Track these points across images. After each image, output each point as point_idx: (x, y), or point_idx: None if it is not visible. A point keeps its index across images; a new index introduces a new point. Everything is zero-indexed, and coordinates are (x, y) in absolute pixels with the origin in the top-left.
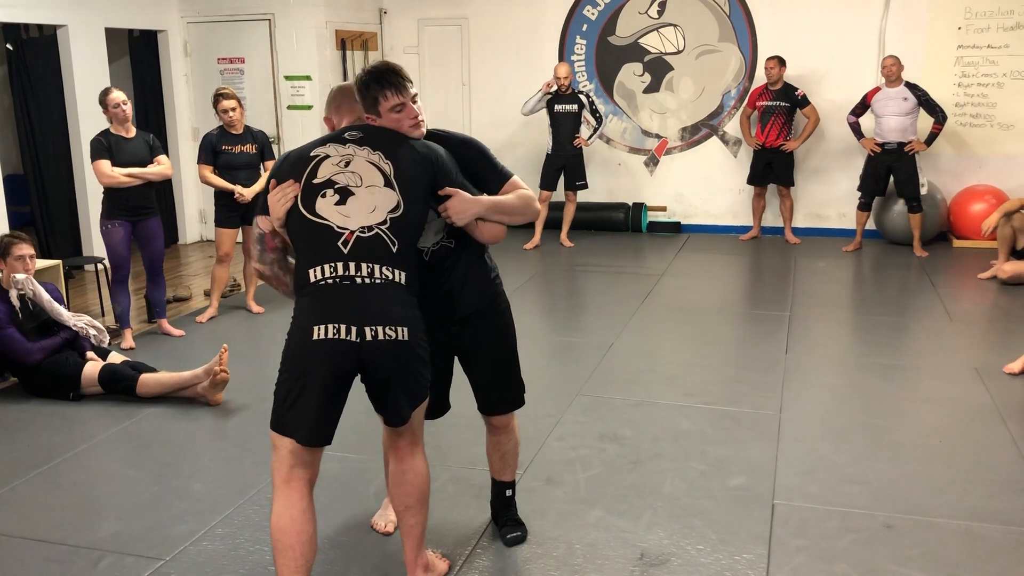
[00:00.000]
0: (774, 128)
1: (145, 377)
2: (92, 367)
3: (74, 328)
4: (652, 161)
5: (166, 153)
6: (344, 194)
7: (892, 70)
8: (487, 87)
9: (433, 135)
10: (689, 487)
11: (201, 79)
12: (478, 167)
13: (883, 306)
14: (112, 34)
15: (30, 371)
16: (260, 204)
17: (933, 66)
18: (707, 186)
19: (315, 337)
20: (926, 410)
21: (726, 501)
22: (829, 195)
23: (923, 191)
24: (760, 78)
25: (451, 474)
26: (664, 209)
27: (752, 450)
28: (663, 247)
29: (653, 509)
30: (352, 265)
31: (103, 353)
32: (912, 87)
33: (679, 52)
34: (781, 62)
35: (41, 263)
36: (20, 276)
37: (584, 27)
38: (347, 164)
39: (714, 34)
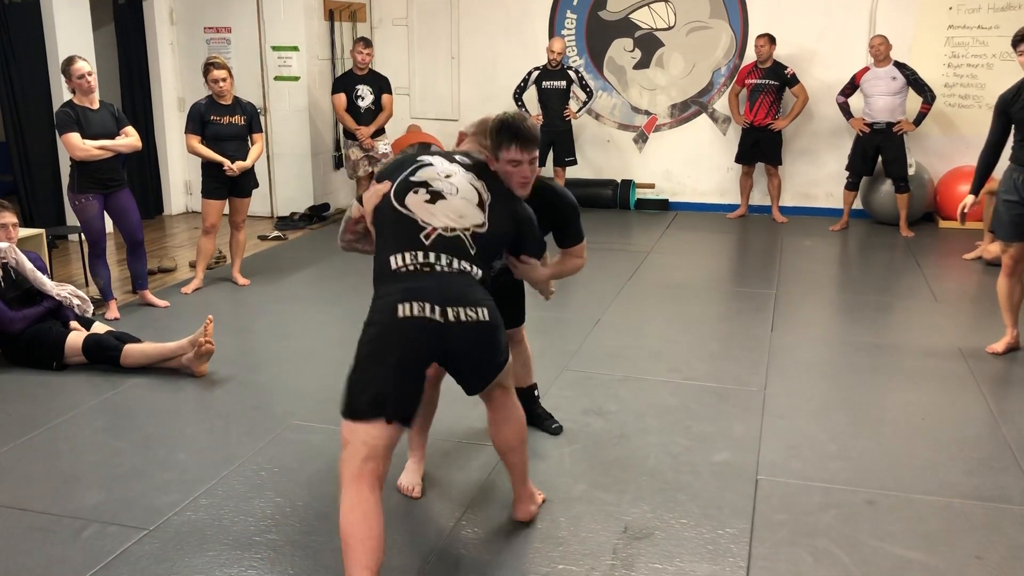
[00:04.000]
0: (763, 107)
1: (129, 347)
2: (75, 337)
3: (57, 297)
4: (641, 138)
5: (133, 124)
6: (436, 196)
7: (880, 50)
8: (477, 61)
9: (546, 187)
10: (673, 462)
11: (187, 48)
12: (565, 222)
13: (868, 285)
14: (96, 1)
15: (12, 340)
16: (360, 195)
17: (923, 46)
18: (695, 164)
19: (401, 315)
20: (909, 388)
21: (710, 476)
22: (817, 174)
23: (911, 171)
24: (750, 56)
25: (435, 447)
26: (652, 186)
27: (736, 426)
28: (651, 224)
29: (637, 483)
30: (432, 255)
31: (87, 323)
32: (901, 67)
33: (670, 28)
34: (771, 40)
35: (24, 232)
36: (3, 245)
37: (575, 1)
38: (448, 177)
39: (705, 10)
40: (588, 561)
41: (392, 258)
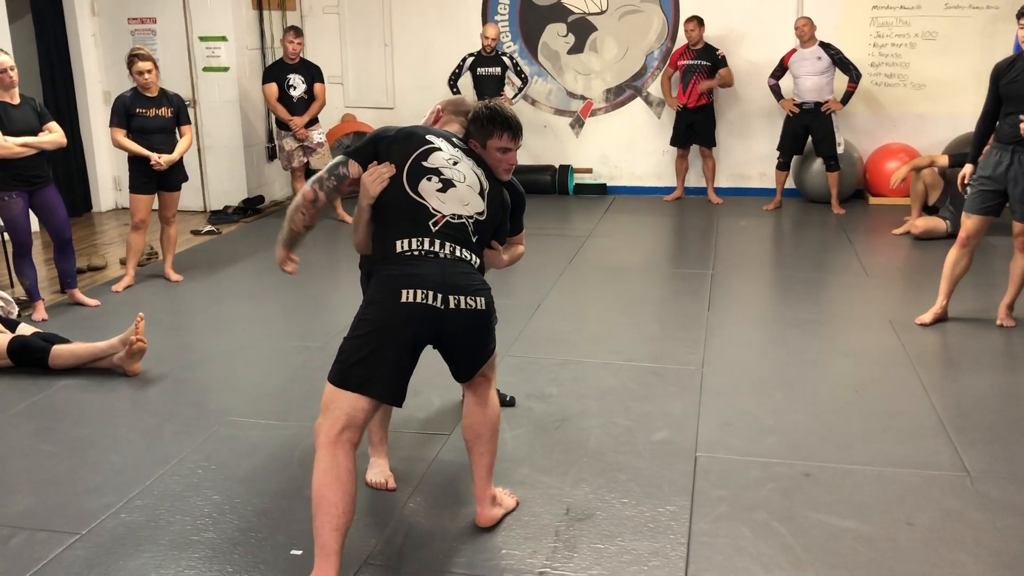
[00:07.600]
0: (695, 88)
1: (58, 348)
2: None
3: None
4: (577, 123)
5: (56, 119)
6: (447, 185)
7: (804, 31)
8: (410, 48)
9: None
10: (614, 443)
11: (111, 40)
12: (517, 211)
13: (802, 262)
14: None
15: None
16: (354, 150)
17: (849, 26)
18: (631, 148)
19: (403, 300)
20: (843, 362)
21: (650, 455)
22: (750, 155)
23: (840, 150)
24: (682, 39)
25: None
26: (590, 171)
27: (675, 405)
28: (589, 209)
29: (579, 465)
30: (437, 242)
31: (11, 325)
32: (826, 47)
33: (602, 12)
34: (700, 23)
35: None
36: None
37: None
38: (455, 163)
39: None
40: (531, 544)
41: (399, 242)
